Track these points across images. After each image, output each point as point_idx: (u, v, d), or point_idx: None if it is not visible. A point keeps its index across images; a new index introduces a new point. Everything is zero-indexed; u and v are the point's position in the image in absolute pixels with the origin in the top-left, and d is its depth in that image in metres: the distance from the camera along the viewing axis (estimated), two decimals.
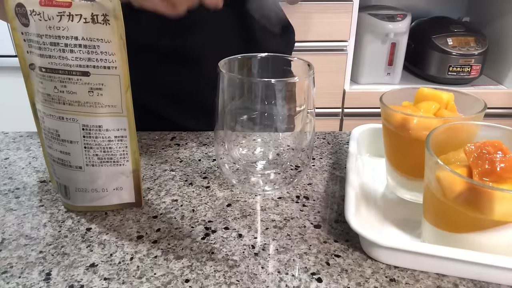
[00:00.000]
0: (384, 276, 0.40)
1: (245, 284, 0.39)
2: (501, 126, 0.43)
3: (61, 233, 0.46)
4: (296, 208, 0.50)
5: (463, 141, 0.42)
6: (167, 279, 0.40)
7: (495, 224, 0.36)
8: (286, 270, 0.41)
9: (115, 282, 0.39)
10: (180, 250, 0.43)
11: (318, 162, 0.61)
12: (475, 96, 0.49)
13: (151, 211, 0.50)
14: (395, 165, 0.51)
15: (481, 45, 1.64)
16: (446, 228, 0.40)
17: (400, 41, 1.61)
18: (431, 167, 0.39)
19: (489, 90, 1.68)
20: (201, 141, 0.67)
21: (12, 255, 0.43)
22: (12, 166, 0.60)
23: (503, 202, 0.34)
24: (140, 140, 0.67)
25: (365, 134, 0.61)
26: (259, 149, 0.59)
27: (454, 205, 0.37)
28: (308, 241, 0.45)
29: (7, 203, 0.51)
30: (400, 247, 0.40)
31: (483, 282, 0.40)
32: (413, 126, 0.46)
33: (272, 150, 0.59)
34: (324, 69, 1.58)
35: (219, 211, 0.50)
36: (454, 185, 0.36)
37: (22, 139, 0.67)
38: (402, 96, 0.52)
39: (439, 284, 0.39)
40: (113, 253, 0.43)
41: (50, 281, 0.40)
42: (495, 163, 0.36)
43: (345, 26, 1.53)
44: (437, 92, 0.49)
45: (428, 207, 0.42)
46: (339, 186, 0.55)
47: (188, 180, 0.56)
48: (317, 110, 1.75)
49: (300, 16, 1.49)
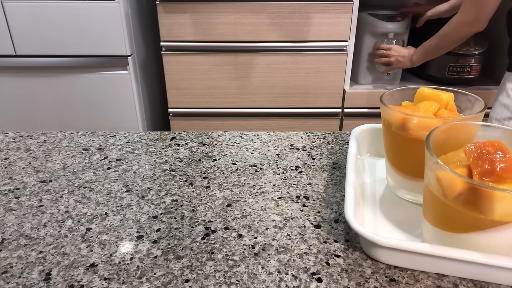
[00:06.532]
0: (384, 276, 0.40)
1: (245, 284, 0.39)
2: (501, 126, 0.43)
3: (61, 233, 0.46)
4: (296, 208, 0.50)
5: (463, 141, 0.42)
6: (167, 279, 0.40)
7: (495, 224, 0.36)
8: (286, 270, 0.41)
9: (115, 282, 0.39)
10: (180, 250, 0.43)
11: (318, 162, 0.61)
12: (475, 96, 0.49)
13: (151, 211, 0.50)
14: (395, 165, 0.51)
15: (481, 45, 1.64)
16: (446, 228, 0.40)
17: (400, 41, 1.61)
18: (431, 167, 0.39)
19: (489, 90, 1.68)
20: (201, 141, 0.67)
21: (12, 255, 0.43)
22: (12, 166, 0.60)
23: (503, 202, 0.34)
24: (140, 140, 0.68)
25: (365, 134, 0.61)
26: None
27: (454, 205, 0.37)
28: (308, 241, 0.45)
29: (7, 203, 0.51)
30: (400, 247, 0.40)
31: (483, 282, 0.40)
32: (413, 126, 0.46)
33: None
34: (324, 69, 1.58)
35: (219, 211, 0.50)
36: (454, 185, 0.36)
37: (22, 139, 0.67)
38: (402, 96, 0.52)
39: (439, 284, 0.39)
40: (113, 253, 0.43)
41: (50, 281, 0.40)
42: (495, 163, 0.36)
43: (345, 26, 1.52)
44: (437, 92, 0.49)
45: (428, 207, 0.42)
46: (339, 186, 0.55)
47: (188, 180, 0.56)
48: (317, 110, 1.74)
49: (300, 16, 1.49)
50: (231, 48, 1.54)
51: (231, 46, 1.53)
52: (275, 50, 1.55)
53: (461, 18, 1.15)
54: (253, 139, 0.68)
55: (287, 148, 0.65)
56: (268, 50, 1.55)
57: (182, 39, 1.52)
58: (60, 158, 0.62)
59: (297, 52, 1.55)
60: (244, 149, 0.65)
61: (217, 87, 1.60)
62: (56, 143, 0.66)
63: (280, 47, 1.54)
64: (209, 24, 1.49)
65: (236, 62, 1.56)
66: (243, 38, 1.52)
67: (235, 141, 0.67)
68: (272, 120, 1.66)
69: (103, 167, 0.60)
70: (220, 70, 1.57)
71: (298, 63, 1.57)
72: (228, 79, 1.59)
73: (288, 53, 1.55)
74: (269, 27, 1.51)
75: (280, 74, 1.58)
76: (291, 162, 0.61)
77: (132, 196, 0.53)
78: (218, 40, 1.52)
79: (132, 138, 0.68)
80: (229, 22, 1.49)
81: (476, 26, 1.13)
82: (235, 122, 1.66)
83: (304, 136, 0.69)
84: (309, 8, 1.49)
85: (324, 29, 1.54)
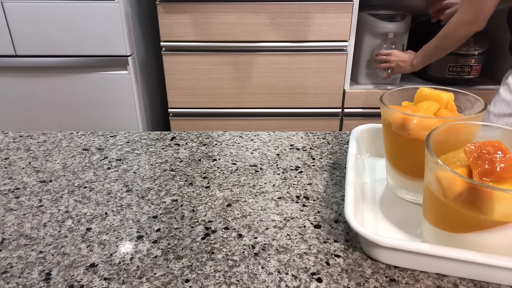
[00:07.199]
0: (384, 276, 0.40)
1: (245, 284, 0.39)
2: (501, 126, 0.43)
3: (61, 233, 0.46)
4: (296, 208, 0.50)
5: (463, 141, 0.42)
6: (167, 279, 0.40)
7: (495, 224, 0.36)
8: (286, 270, 0.41)
9: (115, 282, 0.39)
10: (180, 250, 0.43)
11: (318, 162, 0.61)
12: (475, 96, 0.49)
13: (151, 211, 0.50)
14: (395, 165, 0.51)
15: (481, 45, 1.64)
16: (446, 228, 0.40)
17: (400, 41, 1.61)
18: (431, 167, 0.39)
19: (489, 90, 1.68)
20: (201, 141, 0.67)
21: (12, 255, 0.43)
22: (12, 166, 0.60)
23: (503, 202, 0.34)
24: (140, 140, 0.68)
25: (365, 134, 0.61)
26: None
27: (454, 205, 0.37)
28: (308, 241, 0.45)
29: (7, 203, 0.51)
30: (400, 247, 0.40)
31: (483, 282, 0.40)
32: (413, 126, 0.46)
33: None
34: (324, 69, 1.58)
35: (219, 211, 0.50)
36: (454, 185, 0.36)
37: (22, 139, 0.67)
38: (402, 96, 0.52)
39: (439, 284, 0.39)
40: (113, 253, 0.43)
41: (50, 281, 0.40)
42: (495, 163, 0.36)
43: (345, 26, 1.52)
44: (437, 92, 0.49)
45: (428, 207, 0.42)
46: (339, 186, 0.55)
47: (188, 180, 0.56)
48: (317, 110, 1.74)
49: (300, 16, 1.49)
50: (231, 48, 1.54)
51: (231, 46, 1.53)
52: (275, 50, 1.55)
53: (460, 18, 1.15)
54: (253, 139, 0.68)
55: (287, 148, 0.65)
56: (268, 50, 1.55)
57: (182, 39, 1.52)
58: (60, 158, 0.62)
59: (297, 52, 1.55)
60: (244, 149, 0.65)
61: (217, 87, 1.60)
62: (56, 143, 0.66)
63: (280, 47, 1.54)
64: (209, 24, 1.49)
65: (236, 62, 1.56)
66: (243, 38, 1.52)
67: (235, 141, 0.67)
68: (272, 120, 1.66)
69: (103, 167, 0.60)
70: (220, 70, 1.57)
71: (298, 63, 1.57)
72: (228, 79, 1.59)
73: (288, 53, 1.55)
74: (269, 27, 1.51)
75: (280, 74, 1.58)
76: (291, 162, 0.61)
77: (132, 196, 0.53)
78: (218, 40, 1.52)
79: (132, 138, 0.68)
80: (229, 22, 1.49)
81: (475, 25, 1.13)
82: (235, 122, 1.66)
83: (304, 136, 0.69)
84: (309, 8, 1.49)
85: (324, 29, 1.54)
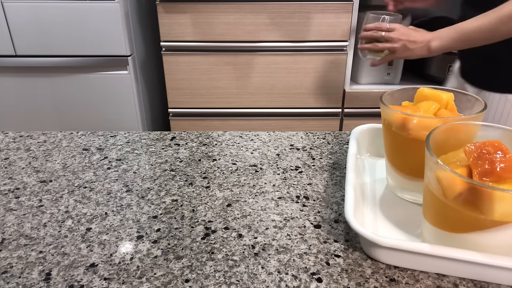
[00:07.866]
0: (384, 276, 0.40)
1: (245, 284, 0.39)
2: (501, 126, 0.43)
3: (61, 233, 0.46)
4: (296, 208, 0.50)
5: (463, 141, 0.42)
6: (167, 279, 0.40)
7: (495, 224, 0.36)
8: (286, 270, 0.41)
9: (115, 282, 0.39)
10: (180, 250, 0.43)
11: (318, 162, 0.61)
12: (475, 96, 0.49)
13: (151, 211, 0.50)
14: (395, 165, 0.51)
15: None
16: (446, 228, 0.40)
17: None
18: (431, 167, 0.39)
19: None
20: (201, 141, 0.67)
21: (12, 255, 0.43)
22: (12, 166, 0.60)
23: (503, 202, 0.34)
24: (140, 140, 0.68)
25: (365, 134, 0.61)
26: None
27: (454, 205, 0.37)
28: (308, 241, 0.45)
29: (7, 203, 0.51)
30: (400, 247, 0.40)
31: (483, 282, 0.40)
32: (413, 126, 0.46)
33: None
34: (324, 69, 1.58)
35: (219, 211, 0.50)
36: (454, 185, 0.36)
37: (22, 139, 0.67)
38: (402, 96, 0.52)
39: (439, 284, 0.39)
40: (113, 253, 0.43)
41: (50, 281, 0.40)
42: (495, 163, 0.36)
43: (345, 26, 1.52)
44: (437, 92, 0.49)
45: (428, 207, 0.42)
46: (339, 186, 0.55)
47: (188, 180, 0.56)
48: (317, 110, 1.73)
49: (300, 16, 1.49)
50: (231, 48, 1.54)
51: (231, 46, 1.53)
52: (275, 50, 1.55)
53: None
54: (253, 139, 0.68)
55: (287, 148, 0.65)
56: (268, 50, 1.55)
57: (182, 39, 1.52)
58: (60, 158, 0.62)
59: (297, 52, 1.55)
60: (244, 149, 0.65)
61: (217, 87, 1.60)
62: (56, 143, 0.66)
63: (280, 47, 1.54)
64: (209, 24, 1.49)
65: (236, 62, 1.56)
66: (243, 38, 1.52)
67: (235, 141, 0.67)
68: (272, 120, 1.66)
69: (103, 167, 0.60)
70: (220, 70, 1.57)
71: (298, 63, 1.57)
72: (228, 79, 1.59)
73: (288, 53, 1.55)
74: (269, 27, 1.51)
75: (280, 74, 1.58)
76: (291, 162, 0.61)
77: (132, 196, 0.53)
78: (218, 40, 1.52)
79: (132, 138, 0.68)
80: (229, 22, 1.49)
81: None
82: (235, 122, 1.66)
83: (304, 136, 0.69)
84: (309, 8, 1.49)
85: (324, 29, 1.53)
